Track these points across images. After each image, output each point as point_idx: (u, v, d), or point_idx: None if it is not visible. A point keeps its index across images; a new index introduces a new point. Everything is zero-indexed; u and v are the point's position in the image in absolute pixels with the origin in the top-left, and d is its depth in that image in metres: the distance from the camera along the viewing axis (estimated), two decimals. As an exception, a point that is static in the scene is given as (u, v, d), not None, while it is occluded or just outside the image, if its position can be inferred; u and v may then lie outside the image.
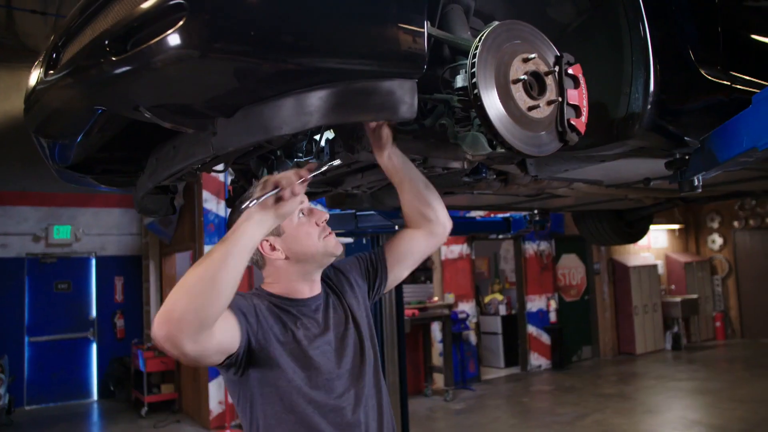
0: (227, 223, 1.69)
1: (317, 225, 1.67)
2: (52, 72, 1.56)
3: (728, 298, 12.82)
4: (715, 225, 12.90)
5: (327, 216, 1.71)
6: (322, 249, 1.66)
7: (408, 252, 1.88)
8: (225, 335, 1.43)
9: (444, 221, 1.89)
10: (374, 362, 1.71)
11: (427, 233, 1.87)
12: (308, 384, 1.55)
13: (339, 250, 1.70)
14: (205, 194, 7.40)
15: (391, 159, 1.73)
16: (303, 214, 1.67)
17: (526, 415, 7.58)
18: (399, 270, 1.90)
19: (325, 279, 1.78)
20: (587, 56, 1.81)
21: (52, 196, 9.04)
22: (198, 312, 1.27)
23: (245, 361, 1.52)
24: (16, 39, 8.64)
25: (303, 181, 1.41)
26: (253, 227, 1.37)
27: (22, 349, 8.86)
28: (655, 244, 12.52)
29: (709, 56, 2.04)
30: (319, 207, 1.79)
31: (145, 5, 1.23)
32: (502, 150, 1.59)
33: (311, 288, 1.70)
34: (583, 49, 1.86)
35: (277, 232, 1.63)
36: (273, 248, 1.64)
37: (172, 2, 1.19)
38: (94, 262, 9.56)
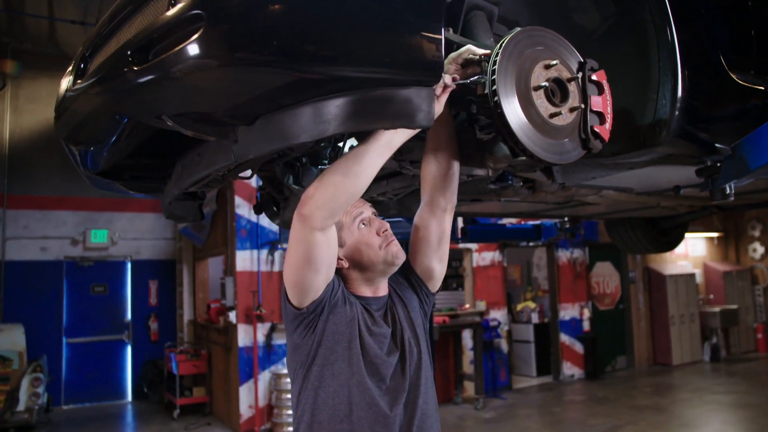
0: None
1: (378, 235, 1.72)
2: (79, 81, 1.60)
3: (770, 309, 12.44)
4: (757, 233, 12.52)
5: (387, 225, 1.75)
6: (382, 258, 1.72)
7: (423, 239, 1.86)
8: (333, 255, 1.59)
9: (454, 197, 1.87)
10: (416, 367, 1.72)
11: (435, 209, 1.84)
12: (358, 359, 1.63)
13: (401, 259, 1.75)
14: (238, 200, 7.50)
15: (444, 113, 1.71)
16: (364, 224, 1.73)
17: (557, 426, 7.46)
18: (426, 260, 1.87)
19: (390, 283, 1.83)
20: (613, 62, 1.78)
21: (89, 201, 9.27)
22: (331, 200, 1.48)
23: (317, 320, 1.62)
24: (57, 48, 8.93)
25: (445, 89, 1.50)
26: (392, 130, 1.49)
27: (60, 349, 9.08)
28: (693, 253, 12.22)
29: (741, 60, 1.99)
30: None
31: (165, 16, 1.26)
32: (524, 158, 1.57)
33: (375, 291, 1.77)
34: (609, 54, 1.83)
35: (340, 243, 1.69)
36: (337, 258, 1.70)
37: (191, 13, 1.20)
38: (129, 265, 9.75)
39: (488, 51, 1.54)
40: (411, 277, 1.88)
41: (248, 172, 2.28)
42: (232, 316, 7.39)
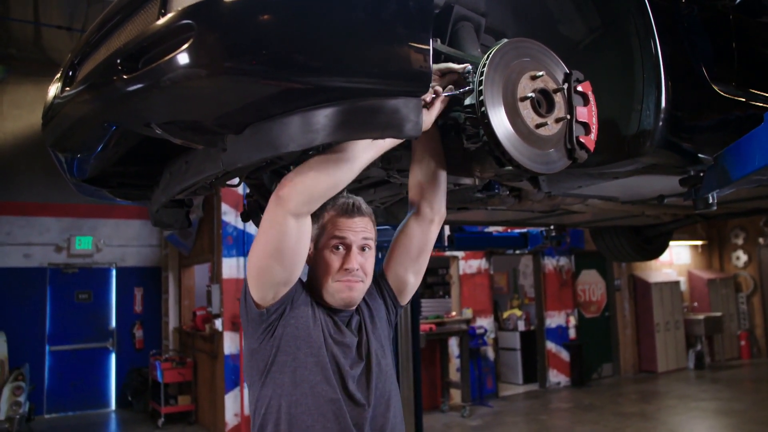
0: None
1: (344, 268, 1.65)
2: (68, 88, 1.60)
3: (753, 317, 12.56)
4: (740, 241, 12.67)
5: (357, 267, 1.66)
6: (328, 287, 1.66)
7: (403, 248, 1.84)
8: (301, 252, 1.55)
9: (442, 209, 1.86)
10: (384, 380, 1.69)
11: (421, 219, 1.83)
12: (324, 367, 1.59)
13: (341, 304, 1.67)
14: (224, 207, 7.47)
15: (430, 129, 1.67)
16: (341, 247, 1.67)
17: (543, 433, 7.49)
18: (401, 270, 1.84)
19: None
20: (598, 73, 1.81)
21: (74, 207, 9.19)
22: (310, 186, 1.47)
23: (276, 324, 1.58)
24: (42, 54, 8.87)
25: (435, 100, 1.50)
26: None
27: (42, 357, 8.98)
28: (678, 261, 12.33)
29: (723, 72, 2.03)
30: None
31: (155, 25, 1.26)
32: (510, 167, 1.58)
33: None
34: (594, 66, 1.86)
35: (315, 245, 1.69)
36: (309, 255, 1.67)
37: (181, 22, 1.21)
38: (114, 272, 9.67)
39: (466, 65, 1.55)
40: (382, 286, 1.85)
41: (236, 180, 2.28)
42: (218, 323, 7.35)
